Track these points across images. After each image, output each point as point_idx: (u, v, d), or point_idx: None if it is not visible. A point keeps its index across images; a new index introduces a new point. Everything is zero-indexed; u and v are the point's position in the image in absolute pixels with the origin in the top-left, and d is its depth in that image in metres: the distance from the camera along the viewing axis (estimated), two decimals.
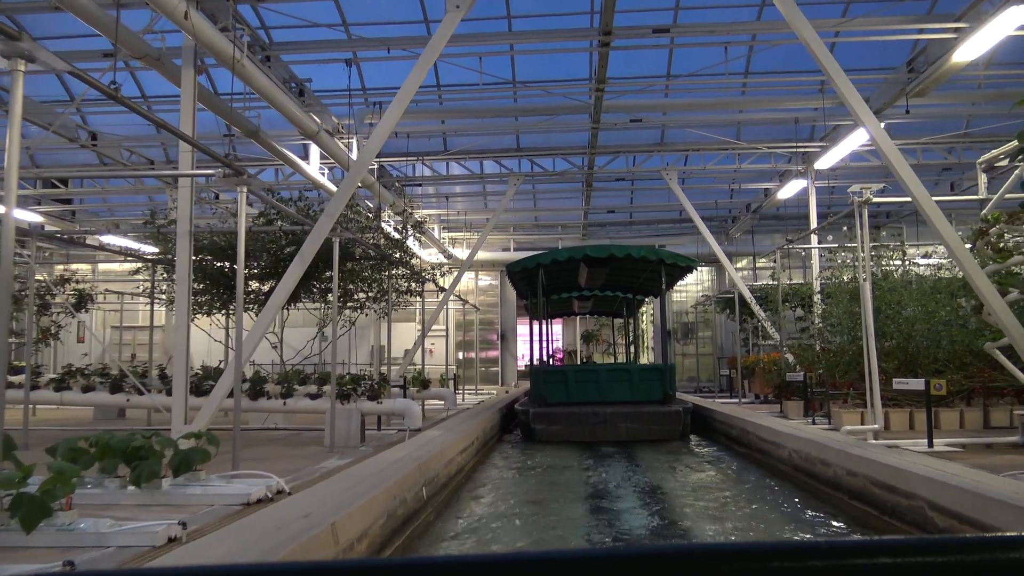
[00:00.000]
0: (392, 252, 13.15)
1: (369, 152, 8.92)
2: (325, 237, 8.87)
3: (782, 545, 0.71)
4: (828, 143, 16.07)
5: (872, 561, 0.69)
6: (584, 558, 0.71)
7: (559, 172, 18.13)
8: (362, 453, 9.64)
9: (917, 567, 0.68)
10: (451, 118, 15.37)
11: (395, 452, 7.96)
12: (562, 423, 13.52)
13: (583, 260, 14.64)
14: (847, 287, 13.09)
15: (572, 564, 0.70)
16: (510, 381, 28.09)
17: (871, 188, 10.68)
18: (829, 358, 13.60)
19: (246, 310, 13.67)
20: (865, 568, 0.69)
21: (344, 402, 10.67)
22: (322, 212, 10.85)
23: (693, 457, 11.43)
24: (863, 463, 6.53)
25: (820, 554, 0.69)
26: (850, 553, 0.70)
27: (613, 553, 0.69)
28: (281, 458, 9.45)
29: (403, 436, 10.42)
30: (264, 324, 8.68)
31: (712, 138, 16.05)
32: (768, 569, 0.68)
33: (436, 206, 23.33)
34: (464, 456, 9.13)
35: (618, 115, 14.65)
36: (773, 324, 17.34)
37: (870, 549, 0.70)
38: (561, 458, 11.20)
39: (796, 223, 23.96)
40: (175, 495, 6.22)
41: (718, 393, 21.89)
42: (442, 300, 18.62)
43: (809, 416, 13.60)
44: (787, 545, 0.72)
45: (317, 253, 10.19)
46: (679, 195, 17.74)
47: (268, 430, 12.79)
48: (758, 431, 10.23)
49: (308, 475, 7.85)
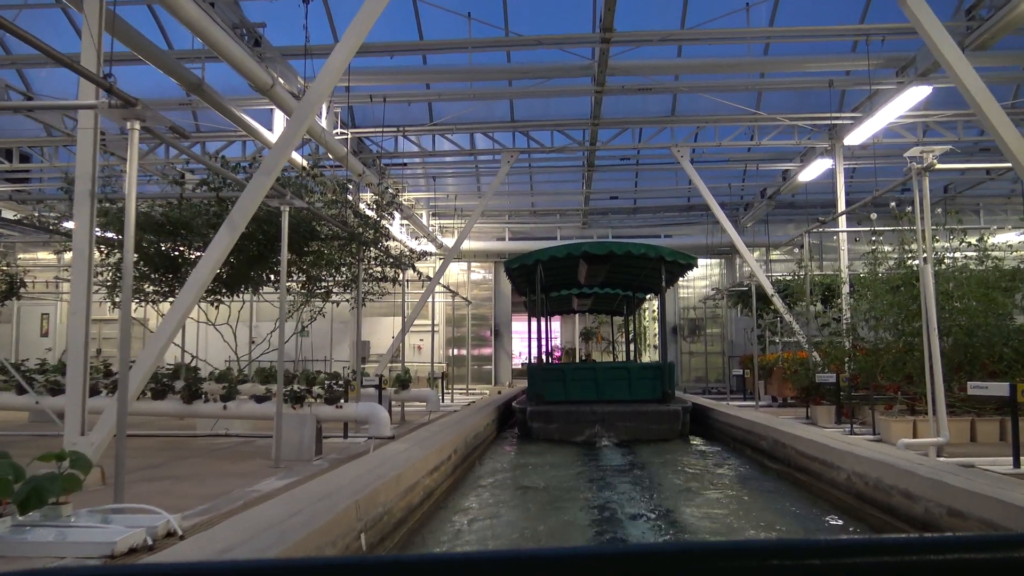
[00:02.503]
0: (364, 232, 11.30)
1: (318, 91, 7.08)
2: (261, 200, 7.02)
3: (781, 543, 0.71)
4: (862, 113, 14.23)
5: (871, 560, 0.69)
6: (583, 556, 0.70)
7: (558, 148, 16.25)
8: (315, 469, 7.85)
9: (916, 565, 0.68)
10: (437, 80, 13.51)
11: (343, 474, 6.12)
12: (559, 422, 13.27)
13: (582, 257, 14.30)
14: (894, 274, 11.24)
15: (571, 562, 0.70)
16: (504, 380, 26.25)
17: (933, 151, 8.85)
18: (867, 357, 11.77)
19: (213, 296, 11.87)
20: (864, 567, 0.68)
21: (296, 406, 8.85)
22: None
23: (717, 477, 9.55)
24: (974, 500, 4.69)
25: (819, 553, 0.69)
26: (849, 551, 0.70)
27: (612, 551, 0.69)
28: (210, 477, 7.65)
29: (368, 447, 8.61)
30: (183, 307, 6.84)
31: (729, 106, 14.16)
32: (767, 567, 0.68)
33: (424, 189, 21.44)
34: (435, 477, 7.28)
35: (625, 78, 12.78)
36: (798, 319, 15.50)
37: (869, 548, 0.70)
38: (562, 477, 9.34)
39: (812, 213, 22.12)
40: (10, 543, 4.40)
41: (730, 395, 20.06)
42: (426, 290, 16.77)
43: (844, 424, 11.82)
44: (786, 543, 0.71)
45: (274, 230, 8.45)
46: (691, 174, 15.89)
47: (217, 436, 10.98)
48: (797, 444, 8.38)
49: (228, 504, 6.06)
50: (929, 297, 8.56)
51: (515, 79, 13.18)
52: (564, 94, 13.75)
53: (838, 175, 15.83)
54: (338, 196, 11.18)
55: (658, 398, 14.11)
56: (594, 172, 19.47)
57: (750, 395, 18.59)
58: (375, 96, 13.05)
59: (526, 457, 11.52)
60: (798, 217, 24.50)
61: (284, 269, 8.33)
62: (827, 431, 9.97)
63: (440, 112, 15.07)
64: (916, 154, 8.94)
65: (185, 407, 8.97)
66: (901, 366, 10.99)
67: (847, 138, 14.77)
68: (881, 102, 13.23)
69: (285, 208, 8.37)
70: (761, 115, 14.64)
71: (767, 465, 9.54)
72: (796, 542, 0.71)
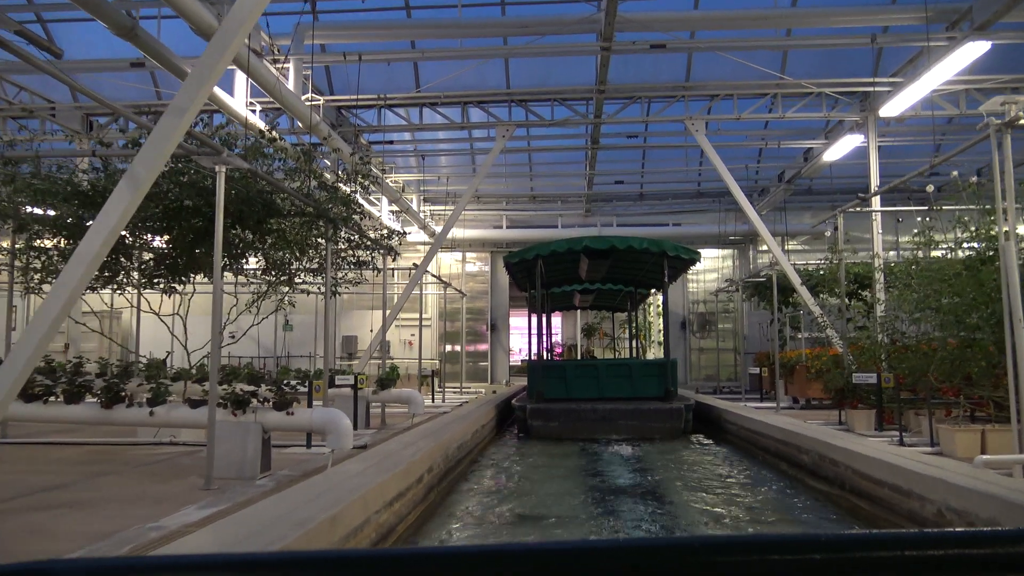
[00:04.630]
0: (332, 207, 9.68)
1: (248, 5, 5.45)
2: (173, 147, 5.41)
3: (782, 538, 0.71)
4: (904, 78, 12.58)
5: (871, 554, 0.69)
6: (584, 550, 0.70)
7: (559, 121, 14.57)
8: (254, 492, 6.30)
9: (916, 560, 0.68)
10: (422, 36, 11.85)
11: (275, 506, 4.51)
12: (560, 420, 13.04)
13: (583, 252, 14.03)
14: (949, 260, 9.60)
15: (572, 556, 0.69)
16: (501, 378, 24.63)
17: (1017, 101, 7.22)
18: (915, 355, 10.14)
19: (151, 284, 10.28)
20: (864, 561, 0.69)
21: (238, 413, 7.24)
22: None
23: (752, 503, 7.89)
24: None
25: (820, 547, 0.69)
26: (849, 546, 0.70)
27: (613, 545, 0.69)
28: (117, 503, 6.10)
29: (325, 464, 7.02)
30: (68, 288, 5.23)
31: (750, 68, 12.48)
32: (768, 562, 0.69)
33: (414, 170, 19.80)
34: (398, 509, 5.67)
35: (636, 34, 11.14)
36: (827, 312, 13.86)
37: (869, 542, 0.71)
38: (564, 508, 7.71)
39: (833, 200, 20.50)
40: None
41: (745, 395, 18.43)
42: (413, 278, 15.14)
43: (887, 432, 10.22)
44: (787, 538, 0.71)
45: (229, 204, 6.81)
46: (707, 149, 14.23)
47: (160, 445, 9.38)
48: (855, 462, 6.73)
49: (111, 550, 4.54)
50: (1013, 283, 6.97)
51: (511, 35, 11.54)
52: (566, 53, 12.08)
53: (871, 151, 14.18)
54: (301, 165, 9.55)
55: (660, 396, 13.89)
56: (598, 151, 17.81)
57: (767, 395, 17.00)
58: (350, 55, 11.40)
59: (521, 468, 9.91)
60: (816, 205, 22.86)
61: (219, 243, 6.71)
62: (872, 441, 8.37)
63: (428, 77, 13.41)
64: (997, 108, 7.32)
65: (103, 413, 7.35)
66: (959, 365, 9.36)
67: (883, 108, 13.11)
68: (924, 66, 11.61)
69: (221, 169, 6.76)
70: (787, 80, 13.00)
71: (810, 485, 7.88)
72: (797, 537, 0.71)
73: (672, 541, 0.70)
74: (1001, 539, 0.69)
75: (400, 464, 5.89)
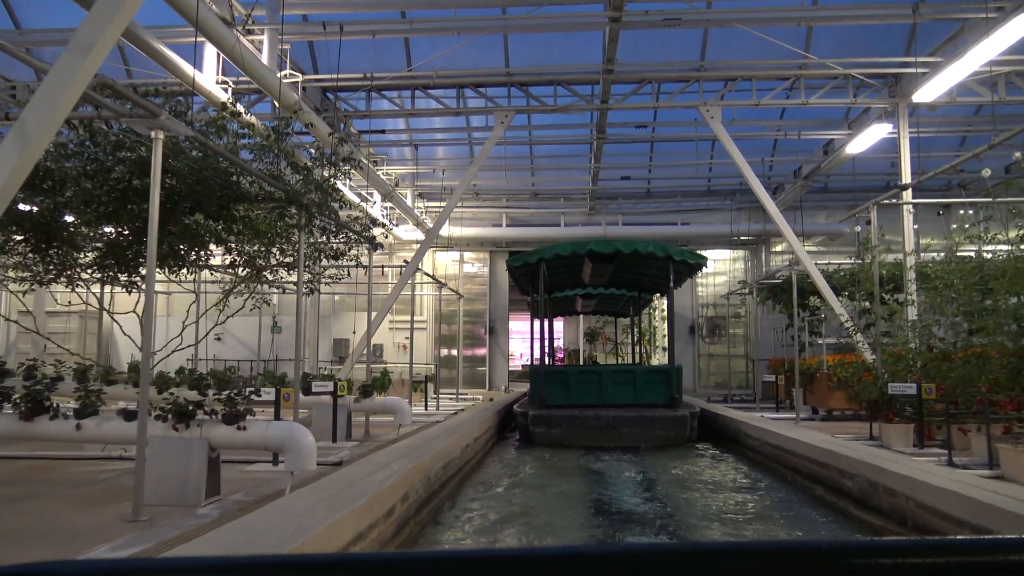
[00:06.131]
0: (306, 192, 8.55)
1: None
2: (77, 94, 4.27)
3: (783, 544, 0.70)
4: (941, 58, 11.44)
5: (872, 561, 0.68)
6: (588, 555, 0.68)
7: (562, 107, 13.43)
8: (189, 526, 5.17)
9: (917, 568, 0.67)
10: (413, 7, 10.72)
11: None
12: (562, 427, 12.77)
13: (587, 255, 13.83)
14: (1008, 258, 8.46)
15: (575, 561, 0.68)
16: (500, 384, 23.45)
17: None
18: (965, 364, 8.97)
19: (107, 279, 9.16)
20: (865, 568, 0.68)
21: (181, 426, 6.10)
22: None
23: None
24: None
25: (821, 554, 0.68)
26: (851, 553, 0.69)
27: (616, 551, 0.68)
28: (16, 543, 4.93)
29: (284, 488, 5.88)
30: None
31: (771, 44, 11.33)
32: (769, 569, 0.68)
33: (409, 163, 18.66)
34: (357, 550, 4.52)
35: (648, 4, 10.02)
36: (856, 316, 12.70)
37: (871, 549, 0.70)
38: (564, 535, 6.56)
39: (850, 199, 19.35)
40: None
41: (759, 405, 17.26)
42: (403, 276, 14.00)
43: (929, 449, 9.09)
44: (790, 544, 0.70)
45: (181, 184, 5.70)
46: (722, 137, 13.10)
47: (109, 459, 8.26)
48: (918, 493, 5.55)
49: None
50: None
51: (510, 6, 10.41)
52: (571, 27, 10.91)
53: (902, 140, 13.04)
54: (270, 143, 8.41)
55: (665, 403, 13.69)
56: (604, 144, 16.67)
57: (782, 404, 15.86)
58: (330, 25, 10.27)
59: (518, 492, 8.75)
60: (832, 204, 21.68)
61: (153, 226, 5.56)
62: (920, 463, 7.19)
63: (419, 55, 12.29)
64: None
65: (22, 426, 6.20)
66: (1017, 375, 8.21)
67: (917, 93, 11.97)
68: (964, 44, 10.49)
69: (158, 135, 5.62)
70: (810, 60, 11.88)
71: (857, 517, 6.69)
72: (800, 543, 0.70)
73: (672, 547, 0.69)
74: (1003, 547, 0.68)
75: (363, 496, 4.73)
